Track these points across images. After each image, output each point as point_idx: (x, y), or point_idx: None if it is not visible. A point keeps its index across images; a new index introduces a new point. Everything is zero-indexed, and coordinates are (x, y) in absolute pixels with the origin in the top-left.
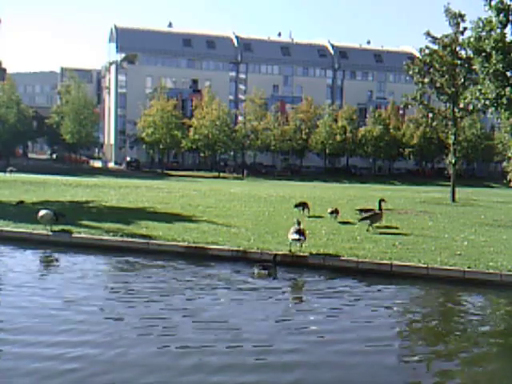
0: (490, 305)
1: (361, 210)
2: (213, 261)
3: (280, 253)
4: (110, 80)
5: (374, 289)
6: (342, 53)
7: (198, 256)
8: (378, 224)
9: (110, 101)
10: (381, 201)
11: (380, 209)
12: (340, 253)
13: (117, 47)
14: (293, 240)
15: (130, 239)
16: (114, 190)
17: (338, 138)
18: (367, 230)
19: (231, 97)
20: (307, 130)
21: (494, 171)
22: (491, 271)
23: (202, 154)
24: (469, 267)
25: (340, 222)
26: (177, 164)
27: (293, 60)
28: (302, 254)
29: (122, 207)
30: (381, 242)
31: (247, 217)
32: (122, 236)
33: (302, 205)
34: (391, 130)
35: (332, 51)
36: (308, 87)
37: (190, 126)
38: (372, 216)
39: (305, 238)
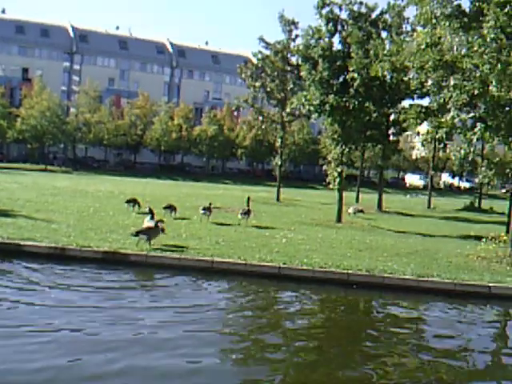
0: (301, 299)
1: (204, 206)
2: (28, 258)
3: (102, 250)
4: None
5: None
6: (181, 51)
7: (12, 252)
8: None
9: None
10: (248, 198)
11: (248, 206)
12: (164, 250)
13: None
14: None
15: None
16: None
17: (174, 135)
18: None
19: (64, 88)
20: (142, 126)
21: (319, 174)
22: (305, 267)
23: (29, 146)
24: (284, 263)
25: (175, 219)
26: (1, 155)
27: (130, 54)
28: (124, 251)
29: None
30: (205, 239)
31: (70, 212)
32: None
33: (133, 201)
34: (225, 131)
35: (171, 49)
36: (145, 83)
37: (18, 116)
38: (247, 212)
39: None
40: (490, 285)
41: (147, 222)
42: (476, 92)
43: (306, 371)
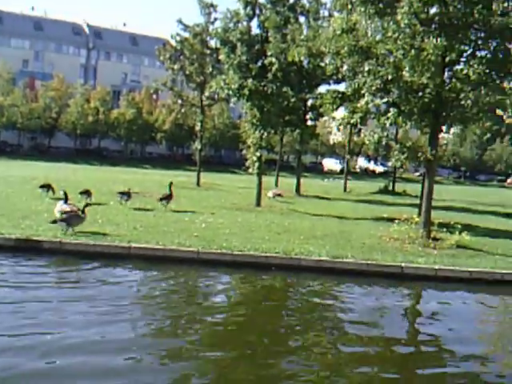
0: (220, 283)
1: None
2: None
3: (14, 237)
4: None
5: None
6: (97, 33)
7: None
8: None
9: None
10: (171, 184)
11: (170, 191)
12: (80, 237)
13: None
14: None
15: None
16: None
17: (90, 118)
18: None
19: None
20: (57, 109)
21: (240, 158)
22: (224, 251)
23: None
24: (203, 248)
25: (90, 204)
26: None
27: (45, 36)
28: (37, 238)
29: None
30: (123, 225)
31: None
32: None
33: (47, 186)
34: (144, 114)
35: (87, 30)
36: (60, 65)
37: None
38: (167, 197)
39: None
40: (403, 265)
41: (60, 206)
42: (389, 77)
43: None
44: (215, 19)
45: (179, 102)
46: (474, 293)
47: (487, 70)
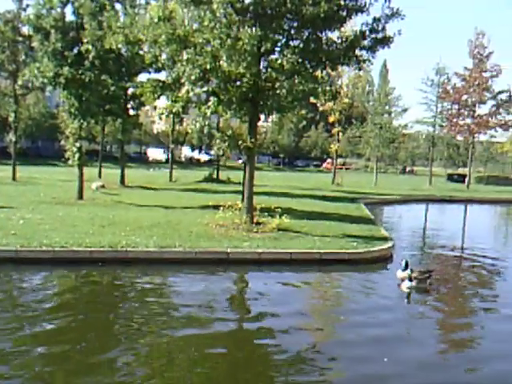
0: (43, 280)
1: None
2: None
3: None
4: None
5: None
6: None
7: None
8: None
9: None
10: None
11: None
12: None
13: None
14: None
15: None
16: None
17: None
18: None
19: None
20: None
21: (59, 150)
22: (44, 249)
23: None
24: (22, 246)
25: None
26: None
27: None
28: None
29: None
30: None
31: None
32: None
33: None
34: None
35: None
36: None
37: None
38: None
39: None
40: (229, 250)
41: None
42: (208, 67)
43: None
44: (27, 5)
45: None
46: (296, 272)
47: (300, 60)
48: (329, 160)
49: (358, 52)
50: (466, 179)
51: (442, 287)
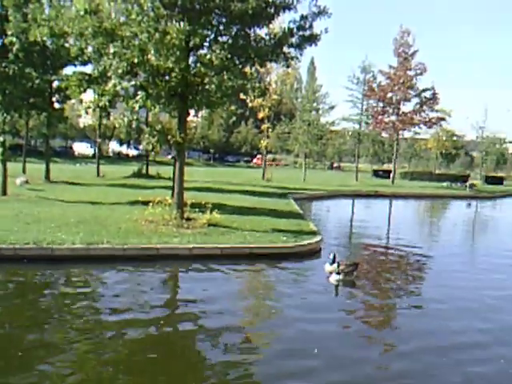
0: None
1: None
2: None
3: None
4: None
5: None
6: None
7: None
8: None
9: None
10: None
11: None
12: None
13: None
14: None
15: None
16: None
17: None
18: None
19: None
20: None
21: None
22: None
23: None
24: None
25: None
26: None
27: None
28: None
29: None
30: None
31: None
32: None
33: None
34: None
35: None
36: None
37: None
38: None
39: None
40: (158, 246)
41: None
42: (136, 60)
43: None
44: None
45: None
46: (227, 267)
47: (229, 55)
48: (259, 156)
49: (285, 49)
50: (391, 175)
51: (367, 280)
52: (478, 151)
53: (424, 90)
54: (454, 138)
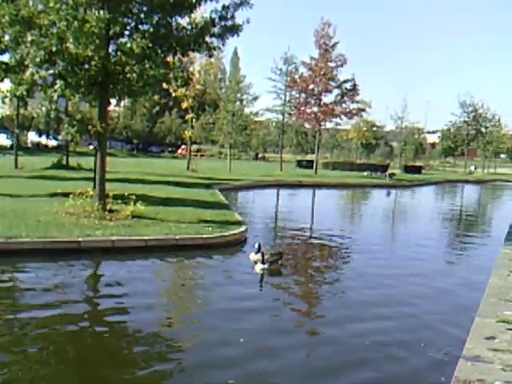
0: None
1: None
2: None
3: None
4: None
5: None
6: None
7: None
8: None
9: None
10: None
11: None
12: None
13: None
14: None
15: None
16: None
17: None
18: None
19: None
20: None
21: None
22: None
23: None
24: None
25: None
26: None
27: None
28: None
29: None
30: None
31: None
32: None
33: None
34: None
35: None
36: None
37: None
38: None
39: None
40: (80, 239)
41: None
42: (54, 49)
43: None
44: None
45: None
46: (151, 259)
47: (151, 44)
48: (183, 146)
49: (208, 39)
50: (314, 165)
51: (291, 268)
52: (397, 141)
53: (344, 82)
54: (374, 129)
